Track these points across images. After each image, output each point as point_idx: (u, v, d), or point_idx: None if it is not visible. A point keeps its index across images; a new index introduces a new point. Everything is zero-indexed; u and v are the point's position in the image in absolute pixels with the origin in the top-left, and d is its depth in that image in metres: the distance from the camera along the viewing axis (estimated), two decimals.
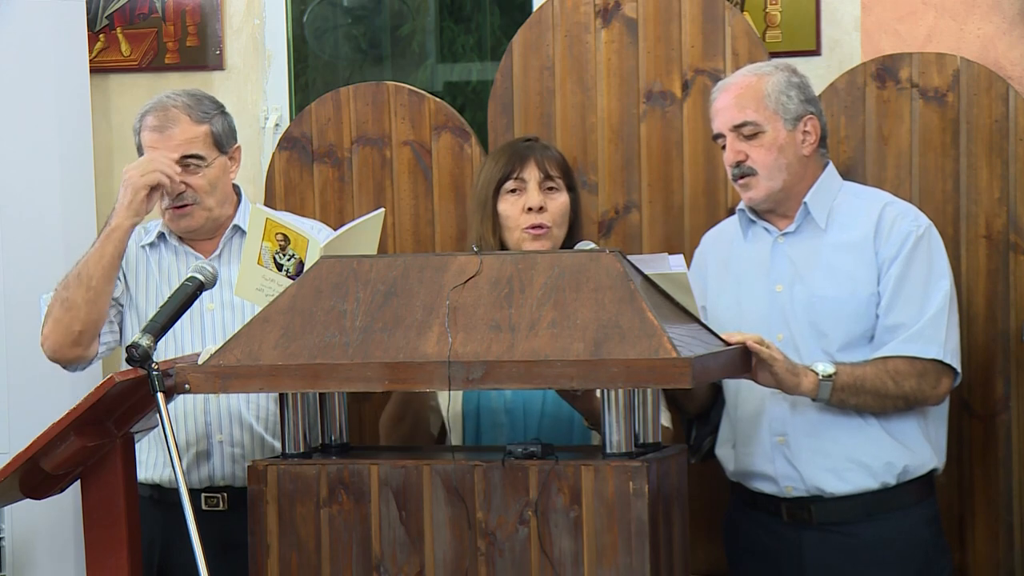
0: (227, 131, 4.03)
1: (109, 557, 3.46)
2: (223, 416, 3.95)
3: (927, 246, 3.80)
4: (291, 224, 3.62)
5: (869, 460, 3.76)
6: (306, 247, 3.57)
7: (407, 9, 5.98)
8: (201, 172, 3.95)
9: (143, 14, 4.96)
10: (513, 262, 3.29)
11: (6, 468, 3.41)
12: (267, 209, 3.67)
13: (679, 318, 3.34)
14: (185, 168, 3.93)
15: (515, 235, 3.81)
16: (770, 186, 3.81)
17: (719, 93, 3.85)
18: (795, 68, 3.88)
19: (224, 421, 3.95)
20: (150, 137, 3.95)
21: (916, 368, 3.73)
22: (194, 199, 3.95)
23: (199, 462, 3.95)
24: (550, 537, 3.20)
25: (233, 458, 3.94)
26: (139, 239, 4.04)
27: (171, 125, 3.94)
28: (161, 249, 4.04)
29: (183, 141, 3.94)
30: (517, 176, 3.82)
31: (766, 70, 3.84)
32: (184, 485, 3.25)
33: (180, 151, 3.93)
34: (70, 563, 4.46)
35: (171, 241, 4.03)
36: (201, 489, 3.95)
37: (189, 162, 3.94)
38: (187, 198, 3.95)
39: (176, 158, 3.92)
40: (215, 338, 3.91)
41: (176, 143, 3.94)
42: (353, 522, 3.31)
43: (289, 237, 3.59)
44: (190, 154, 3.94)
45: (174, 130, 3.94)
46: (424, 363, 3.19)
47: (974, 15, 4.29)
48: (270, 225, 3.60)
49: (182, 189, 3.93)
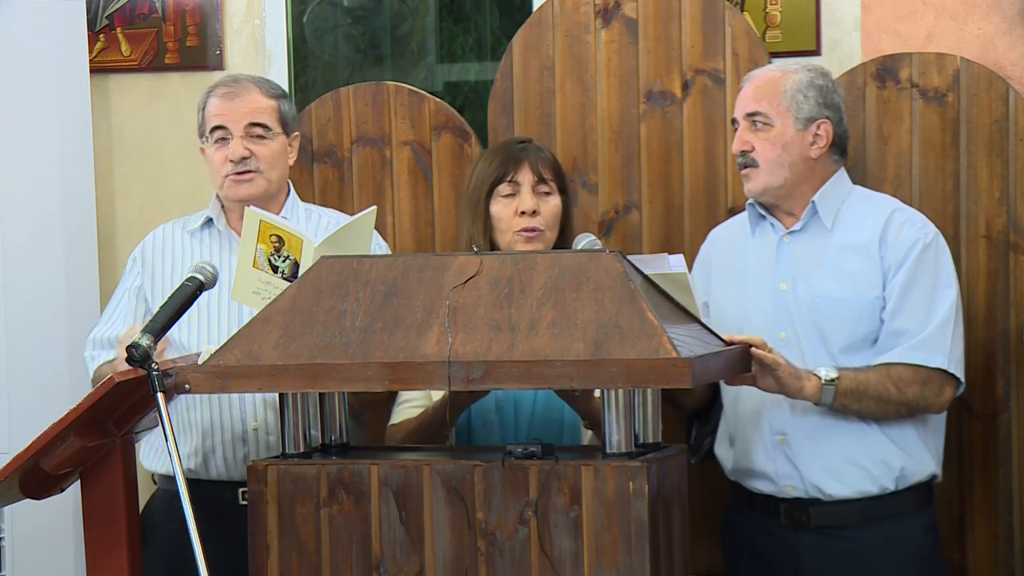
0: (292, 115, 4.07)
1: (109, 557, 3.47)
2: (258, 403, 3.94)
3: (934, 254, 3.80)
4: (285, 225, 3.62)
5: (868, 463, 3.76)
6: (300, 248, 3.57)
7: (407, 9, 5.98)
8: (265, 143, 3.98)
9: (143, 14, 4.96)
10: (513, 262, 3.29)
11: (6, 468, 3.41)
12: (261, 211, 3.66)
13: (679, 318, 3.34)
14: (251, 137, 3.96)
15: (507, 237, 3.80)
16: (769, 181, 3.82)
17: (746, 82, 3.90)
18: (826, 72, 3.89)
19: (259, 408, 3.94)
20: (218, 105, 3.98)
21: (920, 376, 3.73)
22: (256, 167, 3.96)
23: (235, 448, 3.94)
24: (550, 537, 3.20)
25: (268, 446, 3.93)
26: (184, 225, 4.07)
27: (242, 93, 3.98)
28: (205, 235, 4.05)
29: (252, 109, 3.98)
30: (511, 179, 3.82)
31: (792, 68, 3.86)
32: (184, 485, 3.25)
33: (248, 118, 3.96)
34: (70, 563, 4.46)
35: (218, 226, 4.03)
36: (240, 482, 3.91)
37: (256, 131, 3.97)
38: (250, 164, 3.96)
39: (245, 124, 3.95)
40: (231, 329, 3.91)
41: (245, 110, 3.97)
42: (353, 522, 3.31)
43: (283, 238, 3.59)
44: (258, 122, 3.97)
45: (244, 98, 3.98)
46: (424, 363, 3.19)
47: (974, 15, 4.29)
48: (264, 227, 3.59)
49: (246, 154, 3.94)
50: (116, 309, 4.06)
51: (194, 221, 4.08)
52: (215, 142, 3.97)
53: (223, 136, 3.96)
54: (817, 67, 3.91)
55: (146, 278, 4.03)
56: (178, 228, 4.09)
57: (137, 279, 4.05)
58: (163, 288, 3.98)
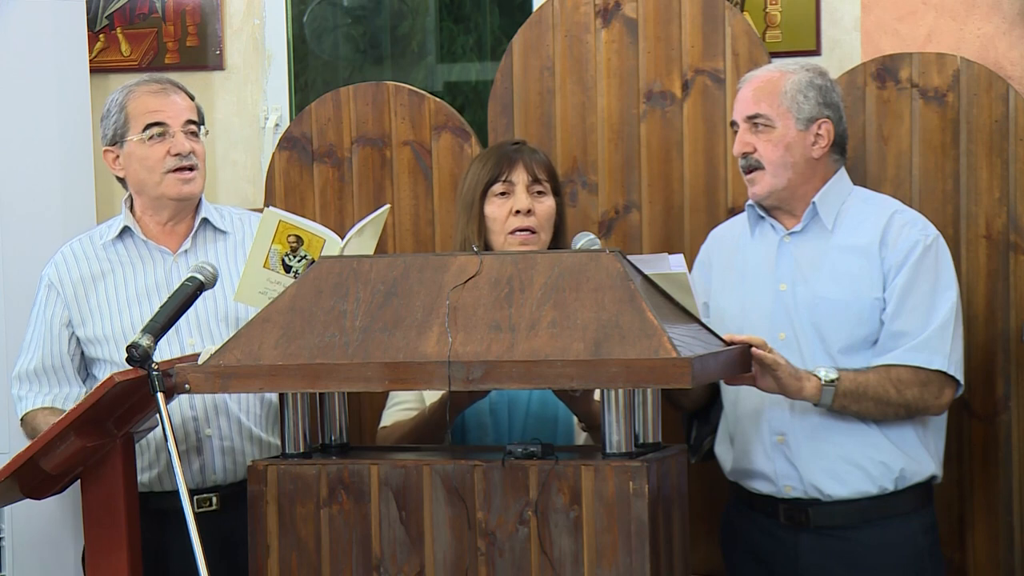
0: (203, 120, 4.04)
1: (109, 557, 3.47)
2: (209, 410, 3.92)
3: (934, 256, 3.79)
4: (306, 225, 3.60)
5: (868, 464, 3.76)
6: (322, 247, 3.56)
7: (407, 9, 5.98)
8: (199, 141, 3.95)
9: (143, 14, 4.96)
10: (513, 262, 3.29)
11: (6, 468, 3.41)
12: (281, 212, 3.64)
13: (679, 318, 3.34)
14: (189, 134, 3.93)
15: (501, 238, 3.80)
16: (774, 183, 3.81)
17: (744, 83, 3.88)
18: (825, 72, 3.88)
19: (211, 415, 3.93)
20: (153, 101, 3.93)
21: (920, 378, 3.73)
22: (196, 164, 3.93)
23: (190, 459, 3.91)
24: (550, 537, 3.20)
25: (223, 452, 3.93)
26: (102, 235, 3.99)
27: (173, 92, 3.96)
28: (121, 247, 3.98)
29: (187, 107, 3.96)
30: (505, 179, 3.82)
31: (791, 68, 3.85)
32: (184, 485, 3.25)
33: (186, 115, 3.94)
34: (70, 563, 4.46)
35: (137, 235, 3.97)
36: (192, 491, 3.92)
37: (193, 128, 3.94)
38: (193, 160, 3.93)
39: (183, 120, 3.92)
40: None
41: (183, 107, 3.95)
42: (353, 522, 3.31)
43: (303, 238, 3.58)
44: (194, 119, 3.95)
45: (178, 95, 3.96)
46: (424, 363, 3.19)
47: (974, 15, 4.29)
48: (283, 227, 3.58)
49: (189, 149, 3.91)
50: (34, 340, 3.97)
51: (105, 233, 4.00)
52: (150, 139, 3.90)
53: (161, 132, 3.90)
54: (815, 66, 3.90)
55: (71, 306, 3.94)
56: (87, 244, 4.00)
57: (59, 309, 3.95)
58: (91, 310, 3.92)
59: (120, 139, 3.94)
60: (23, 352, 3.99)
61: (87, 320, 3.93)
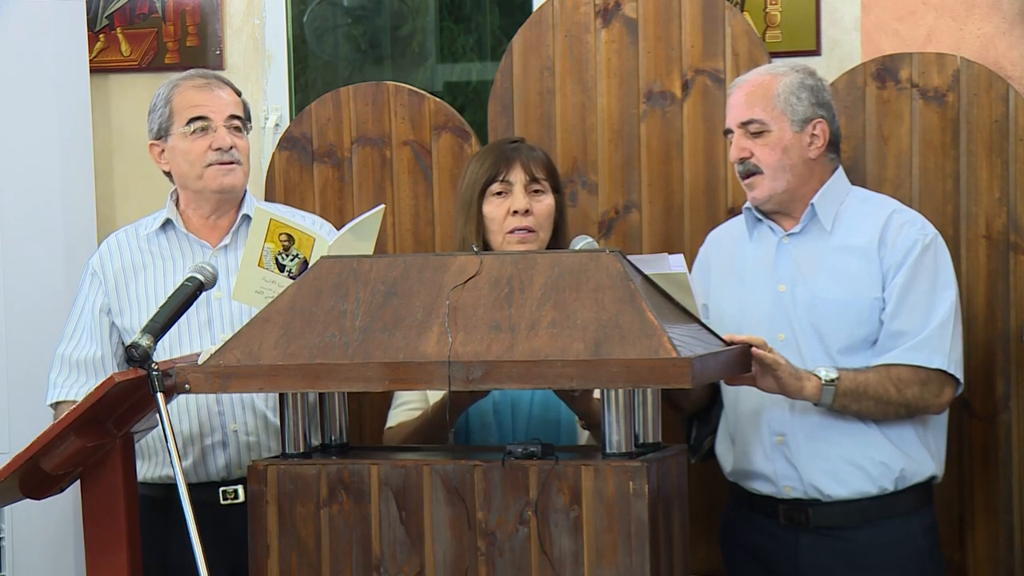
0: (249, 116, 4.06)
1: (109, 557, 3.46)
2: (236, 405, 3.94)
3: (933, 255, 3.79)
4: (296, 224, 3.60)
5: (867, 464, 3.76)
6: (312, 246, 3.56)
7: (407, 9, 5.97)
8: (242, 136, 3.98)
9: (143, 14, 4.96)
10: (513, 262, 3.29)
11: (6, 468, 3.41)
12: (270, 208, 3.65)
13: (679, 318, 3.34)
14: (232, 129, 3.95)
15: (499, 237, 3.80)
16: (774, 186, 3.81)
17: (734, 89, 3.86)
18: (813, 71, 3.87)
19: (238, 410, 3.94)
20: (197, 95, 3.95)
21: (920, 377, 3.73)
22: (238, 159, 3.95)
23: (215, 452, 3.94)
24: (550, 537, 3.20)
25: (249, 447, 3.94)
26: (146, 226, 4.03)
27: (218, 88, 3.98)
28: (163, 239, 4.01)
29: (231, 102, 3.98)
30: (503, 178, 3.81)
31: (781, 70, 3.84)
32: (183, 485, 3.25)
33: (230, 110, 3.96)
34: (70, 563, 4.46)
35: (179, 228, 4.01)
36: (219, 482, 3.93)
37: (236, 123, 3.97)
38: (235, 155, 3.95)
39: (227, 115, 3.94)
40: (223, 328, 3.91)
41: (227, 101, 3.97)
42: (353, 522, 3.31)
43: (294, 237, 3.58)
44: (238, 115, 3.97)
45: (222, 90, 3.98)
46: (424, 363, 3.19)
47: (974, 15, 4.29)
48: (274, 226, 3.58)
49: (230, 144, 3.93)
50: (79, 325, 4.01)
51: (149, 225, 4.03)
52: (193, 132, 3.93)
53: (204, 126, 3.93)
54: (804, 67, 3.90)
55: (111, 295, 3.98)
56: (132, 235, 4.04)
57: (100, 296, 3.99)
58: (131, 301, 3.96)
59: (165, 133, 3.97)
60: (67, 338, 4.01)
61: (125, 310, 3.96)
